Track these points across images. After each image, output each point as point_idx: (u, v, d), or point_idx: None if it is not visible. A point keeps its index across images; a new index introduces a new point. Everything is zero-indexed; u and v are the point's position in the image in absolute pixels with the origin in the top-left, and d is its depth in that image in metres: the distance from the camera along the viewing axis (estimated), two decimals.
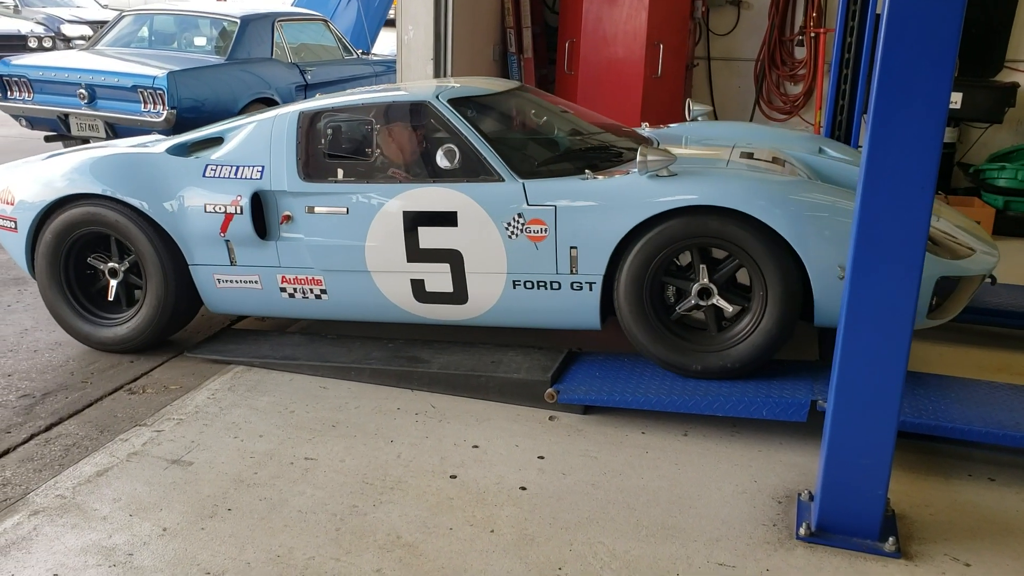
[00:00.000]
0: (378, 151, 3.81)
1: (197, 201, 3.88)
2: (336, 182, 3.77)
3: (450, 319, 3.79)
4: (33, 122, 7.33)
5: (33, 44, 13.81)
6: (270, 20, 8.03)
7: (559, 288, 3.55)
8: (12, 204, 4.10)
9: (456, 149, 3.56)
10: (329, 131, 3.88)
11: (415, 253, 3.66)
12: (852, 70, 4.88)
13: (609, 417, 3.47)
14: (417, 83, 4.53)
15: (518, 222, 3.52)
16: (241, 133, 4.02)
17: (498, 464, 3.12)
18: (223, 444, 3.24)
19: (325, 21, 9.02)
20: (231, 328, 4.34)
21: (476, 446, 3.25)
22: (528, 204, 3.51)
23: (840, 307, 2.57)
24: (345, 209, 3.73)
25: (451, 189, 3.60)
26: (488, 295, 3.66)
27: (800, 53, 7.19)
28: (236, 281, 3.96)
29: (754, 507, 2.89)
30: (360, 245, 3.72)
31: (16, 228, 4.11)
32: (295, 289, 3.90)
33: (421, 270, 3.68)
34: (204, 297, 4.06)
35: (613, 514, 2.83)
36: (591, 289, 3.52)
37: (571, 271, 3.51)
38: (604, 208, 3.42)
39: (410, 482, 3.00)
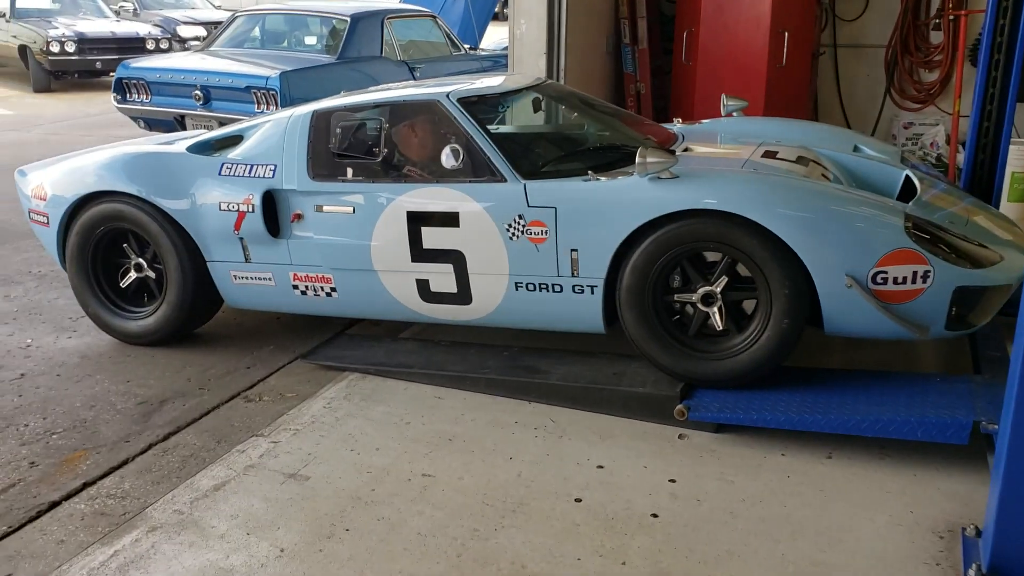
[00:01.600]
0: (386, 150, 3.80)
1: (213, 199, 3.93)
2: (344, 181, 3.77)
3: (457, 319, 3.75)
4: (151, 123, 7.48)
5: (151, 46, 14.18)
6: (379, 18, 7.98)
7: (561, 291, 3.47)
8: (44, 200, 4.24)
9: (461, 149, 3.51)
10: (339, 130, 3.89)
11: (419, 253, 3.63)
12: (1005, 55, 4.46)
13: (744, 436, 3.22)
14: (433, 82, 4.46)
15: (519, 223, 3.45)
16: (258, 132, 4.06)
17: (626, 487, 2.92)
18: (340, 457, 3.14)
19: (434, 17, 8.94)
20: (344, 333, 4.25)
21: (601, 466, 3.05)
22: (529, 205, 3.43)
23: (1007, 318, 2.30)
24: (351, 208, 3.72)
25: (453, 189, 3.56)
26: (492, 296, 3.60)
27: (936, 38, 6.69)
28: (251, 278, 4.00)
29: (912, 542, 2.61)
30: (366, 244, 3.70)
31: (48, 223, 4.26)
32: (307, 287, 3.91)
33: (425, 270, 3.65)
34: (222, 293, 4.12)
35: (755, 547, 2.60)
36: (593, 293, 3.43)
37: (572, 274, 3.42)
38: (604, 211, 3.32)
39: (532, 504, 2.83)
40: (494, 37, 11.60)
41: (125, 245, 4.20)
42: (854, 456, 3.07)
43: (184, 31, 15.87)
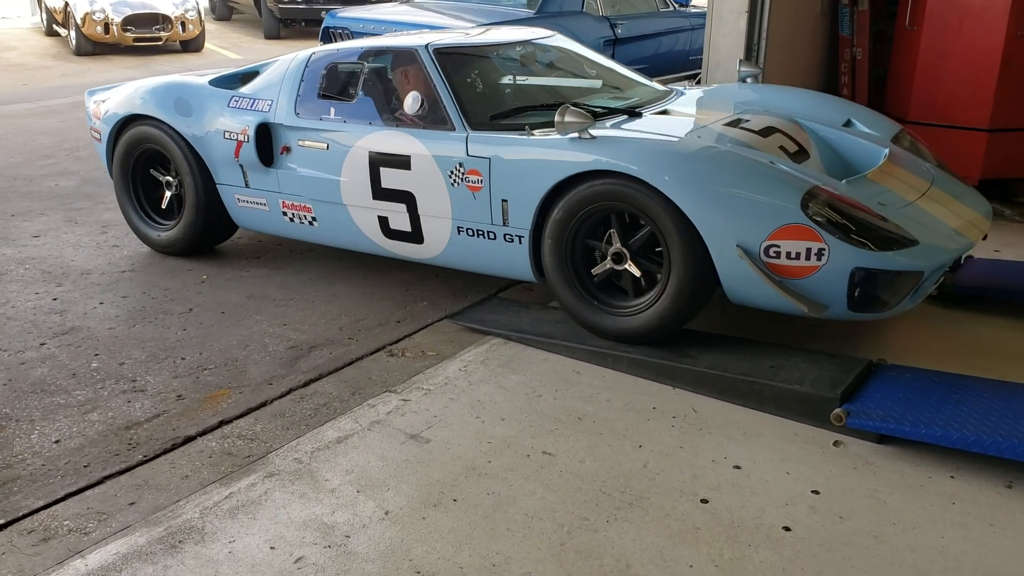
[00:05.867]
0: (361, 93, 4.12)
1: (219, 127, 4.36)
2: (322, 119, 4.11)
3: (414, 257, 4.01)
4: None
5: None
6: None
7: (495, 238, 3.67)
8: (99, 118, 4.84)
9: (422, 96, 3.79)
10: (325, 72, 4.23)
11: (378, 191, 3.91)
12: None
13: (908, 451, 2.83)
14: (431, 34, 4.65)
15: (459, 171, 3.65)
16: (268, 70, 4.49)
17: (761, 493, 2.64)
18: (464, 423, 3.05)
19: None
20: (496, 296, 4.15)
21: (738, 467, 2.78)
22: (468, 155, 3.63)
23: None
24: (326, 145, 4.04)
25: (408, 134, 3.82)
26: (440, 237, 3.83)
27: None
28: (250, 202, 4.41)
29: None
30: (337, 180, 4.02)
31: (101, 139, 4.87)
32: (293, 214, 4.29)
33: (384, 208, 3.92)
34: (231, 213, 4.55)
35: None
36: (521, 242, 3.60)
37: (503, 223, 3.61)
38: (528, 166, 3.49)
39: (653, 499, 2.62)
40: None
41: (156, 168, 4.70)
42: None
43: None
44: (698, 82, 6.09)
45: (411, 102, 3.78)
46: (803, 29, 5.81)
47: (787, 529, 2.48)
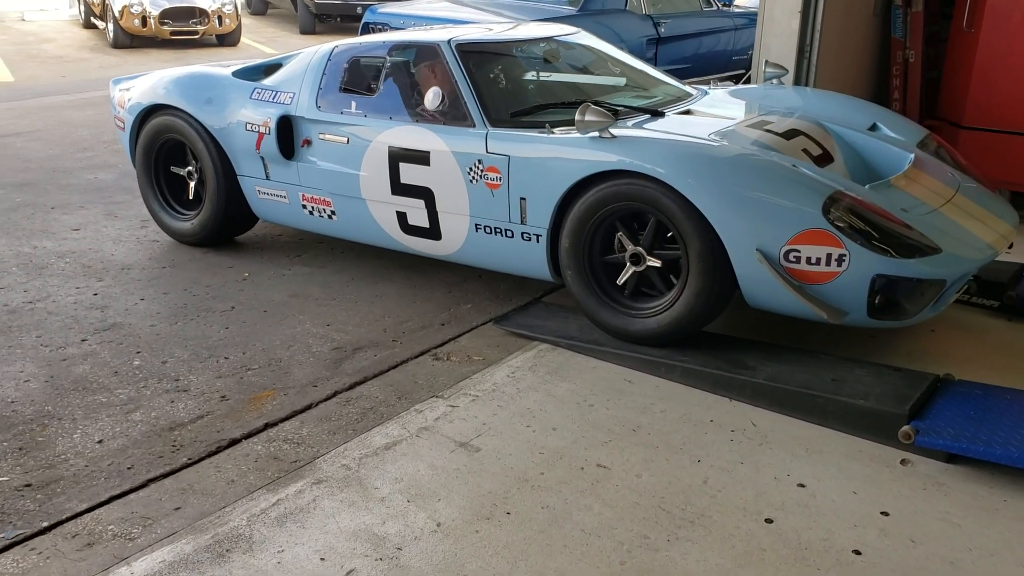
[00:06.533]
0: (382, 88, 4.08)
1: (241, 119, 4.34)
2: (342, 113, 4.08)
3: (431, 253, 4.00)
4: None
5: None
6: None
7: (512, 236, 3.63)
8: (124, 107, 4.85)
9: (443, 92, 3.78)
10: (347, 65, 4.20)
11: (397, 187, 3.87)
12: None
13: (982, 471, 2.71)
14: (457, 29, 4.57)
15: (478, 168, 3.61)
16: (291, 62, 4.46)
17: (828, 514, 2.53)
18: (514, 432, 2.96)
19: None
20: (541, 301, 4.06)
21: (802, 485, 2.67)
22: (487, 152, 3.59)
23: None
24: (346, 139, 4.02)
25: (428, 129, 3.78)
26: (457, 234, 3.80)
27: None
28: (270, 194, 4.39)
29: None
30: (356, 174, 3.99)
31: (124, 127, 4.88)
32: (312, 208, 4.26)
33: (403, 203, 3.89)
34: (251, 205, 4.53)
35: None
36: (538, 241, 3.56)
37: (521, 221, 3.56)
38: (548, 164, 3.45)
39: (715, 518, 2.51)
40: None
41: (178, 158, 4.70)
42: None
43: None
44: (744, 83, 5.96)
45: (432, 97, 3.78)
46: (855, 30, 5.66)
47: (857, 553, 2.37)
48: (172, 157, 4.76)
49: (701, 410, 3.09)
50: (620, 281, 3.41)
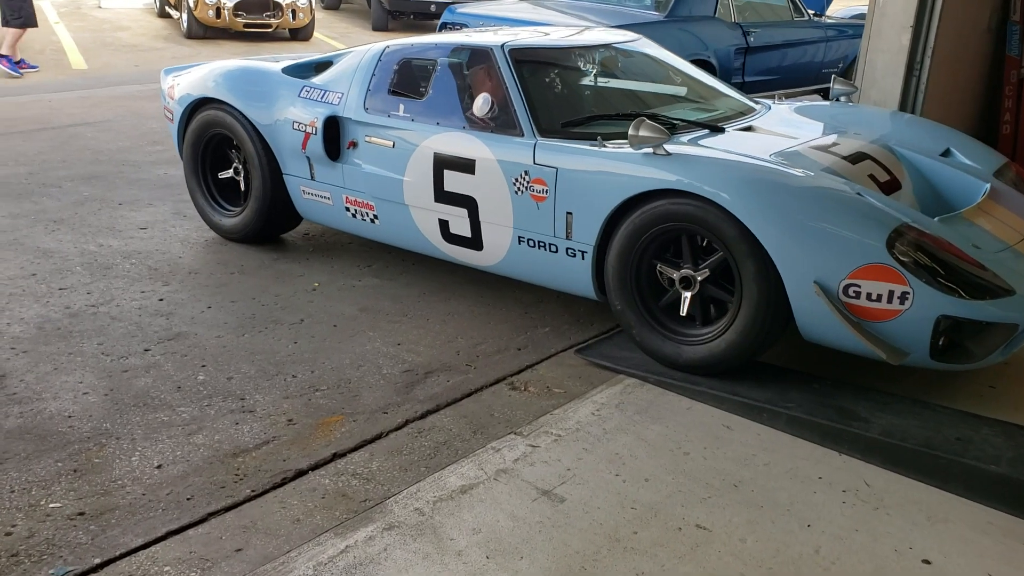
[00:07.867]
0: (432, 92, 3.94)
1: (289, 117, 4.23)
2: (390, 116, 3.96)
3: (472, 263, 3.89)
4: None
5: None
6: None
7: (556, 251, 3.49)
8: (173, 99, 4.76)
9: (492, 98, 3.62)
10: (397, 67, 4.07)
11: (440, 194, 3.75)
12: None
13: None
14: (509, 31, 4.42)
15: (524, 179, 3.48)
16: (341, 61, 4.33)
17: None
18: (602, 481, 2.71)
19: None
20: None
21: (927, 561, 2.38)
22: (535, 163, 3.45)
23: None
24: (392, 143, 3.91)
25: (475, 137, 3.65)
26: (499, 246, 3.66)
27: None
28: (314, 194, 4.28)
29: None
30: (400, 179, 3.88)
31: (173, 119, 4.78)
32: (355, 211, 4.16)
33: (445, 211, 3.77)
34: (295, 204, 4.43)
35: None
36: (583, 258, 3.42)
37: (566, 236, 3.43)
38: (597, 179, 3.31)
39: None
40: (840, 5, 10.48)
41: (226, 152, 4.63)
42: None
43: None
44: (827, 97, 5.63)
45: (481, 103, 3.62)
46: (967, 47, 5.30)
47: None
48: (219, 152, 4.67)
49: (809, 465, 2.81)
50: (683, 312, 3.23)
